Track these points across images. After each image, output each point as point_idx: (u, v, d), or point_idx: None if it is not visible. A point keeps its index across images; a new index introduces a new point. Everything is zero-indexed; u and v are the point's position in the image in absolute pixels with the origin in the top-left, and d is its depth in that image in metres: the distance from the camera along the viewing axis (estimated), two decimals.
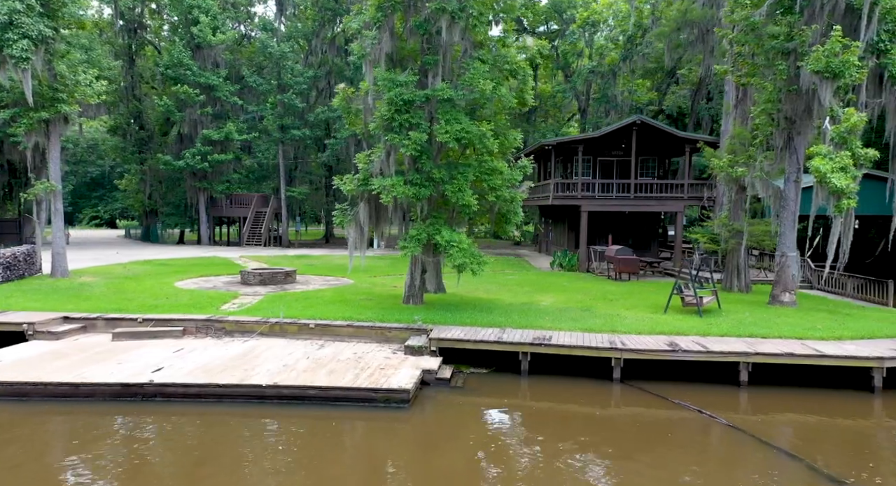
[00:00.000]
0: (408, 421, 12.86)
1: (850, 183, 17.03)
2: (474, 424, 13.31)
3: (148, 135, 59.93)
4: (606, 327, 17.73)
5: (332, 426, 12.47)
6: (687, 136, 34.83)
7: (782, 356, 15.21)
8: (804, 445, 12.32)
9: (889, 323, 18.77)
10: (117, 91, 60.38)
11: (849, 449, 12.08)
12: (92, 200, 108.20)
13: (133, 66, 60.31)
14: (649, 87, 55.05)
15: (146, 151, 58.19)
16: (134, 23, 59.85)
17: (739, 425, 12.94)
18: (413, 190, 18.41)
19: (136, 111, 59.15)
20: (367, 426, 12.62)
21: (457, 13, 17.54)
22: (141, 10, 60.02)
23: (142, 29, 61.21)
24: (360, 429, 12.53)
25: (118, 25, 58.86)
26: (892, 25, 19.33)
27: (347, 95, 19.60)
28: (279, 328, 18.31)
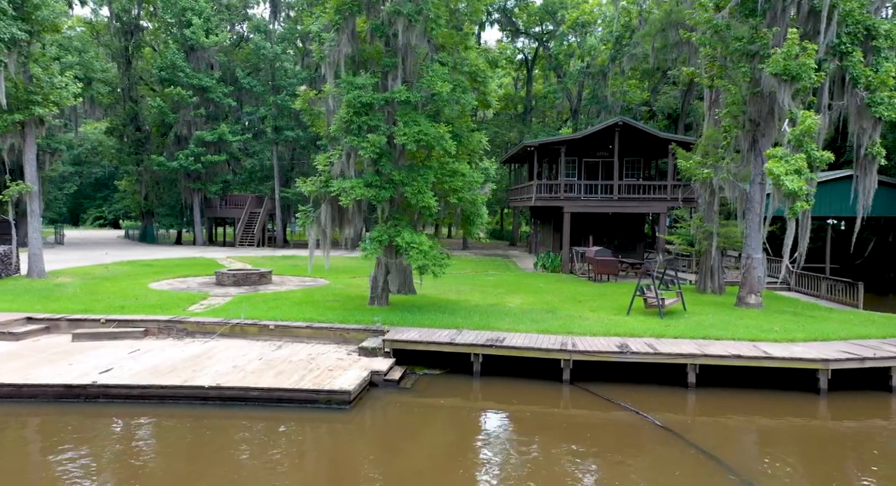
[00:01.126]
0: (347, 422, 12.96)
1: (804, 185, 17.05)
2: (414, 424, 13.43)
3: (144, 136, 60.31)
4: (563, 329, 17.80)
5: (269, 427, 12.61)
6: (669, 137, 34.86)
7: (729, 358, 15.27)
8: (729, 446, 12.40)
9: (848, 325, 18.80)
10: (114, 93, 60.91)
11: (774, 451, 12.13)
12: (96, 201, 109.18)
13: (130, 68, 60.68)
14: (643, 87, 55.03)
15: (143, 153, 58.54)
16: (130, 25, 60.15)
17: (672, 426, 13.01)
18: (373, 192, 18.55)
19: (132, 113, 59.48)
20: (304, 427, 12.75)
21: (413, 16, 17.66)
22: (137, 13, 60.33)
23: (138, 31, 61.48)
24: (297, 430, 12.65)
25: (114, 27, 59.21)
26: (853, 28, 19.35)
27: (309, 97, 19.73)
28: (240, 329, 18.47)
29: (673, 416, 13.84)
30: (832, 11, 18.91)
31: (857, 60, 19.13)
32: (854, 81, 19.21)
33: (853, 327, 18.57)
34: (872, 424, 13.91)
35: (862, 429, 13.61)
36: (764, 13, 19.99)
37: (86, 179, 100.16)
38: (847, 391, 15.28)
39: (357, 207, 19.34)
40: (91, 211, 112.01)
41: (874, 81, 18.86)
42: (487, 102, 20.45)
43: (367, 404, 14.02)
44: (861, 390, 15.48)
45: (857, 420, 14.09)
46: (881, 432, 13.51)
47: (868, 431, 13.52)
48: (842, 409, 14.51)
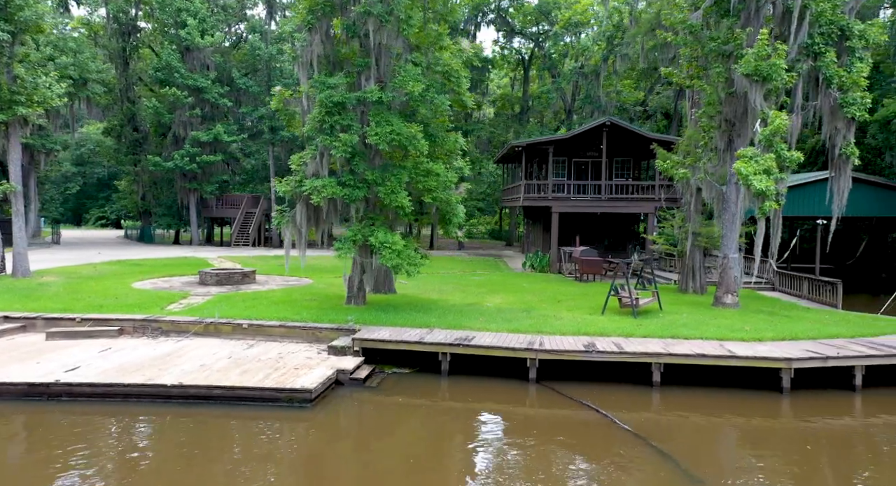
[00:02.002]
0: (308, 420, 13.07)
1: (773, 185, 17.11)
2: (374, 422, 13.53)
3: (142, 137, 60.57)
4: (533, 329, 17.90)
5: (229, 425, 12.74)
6: (657, 137, 34.90)
7: (693, 357, 15.35)
8: (685, 444, 12.46)
9: (821, 325, 18.84)
10: (112, 93, 61.18)
11: (730, 449, 12.21)
12: (99, 201, 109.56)
13: (127, 69, 60.97)
14: (638, 87, 55.05)
15: (140, 153, 58.81)
16: (128, 26, 60.41)
17: (631, 423, 13.08)
18: (346, 191, 18.68)
19: (130, 113, 59.74)
20: (264, 425, 12.83)
21: (384, 16, 17.76)
22: (135, 14, 60.60)
23: (136, 32, 61.73)
24: (257, 428, 12.74)
25: (111, 29, 59.47)
26: (826, 28, 19.40)
27: (284, 97, 19.86)
28: (214, 328, 18.61)
29: (634, 414, 13.90)
30: (804, 12, 18.96)
31: (829, 61, 19.19)
32: (827, 81, 19.27)
33: (826, 326, 18.61)
34: (834, 422, 13.99)
35: (822, 428, 13.68)
36: (738, 14, 20.05)
37: (88, 179, 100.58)
38: (811, 390, 15.34)
39: (332, 206, 19.47)
40: (93, 211, 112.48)
41: (847, 81, 18.92)
42: (463, 103, 20.54)
43: (331, 402, 14.14)
44: (825, 389, 15.52)
45: (818, 419, 14.15)
46: (842, 430, 13.58)
47: (829, 429, 13.60)
48: (804, 408, 14.57)
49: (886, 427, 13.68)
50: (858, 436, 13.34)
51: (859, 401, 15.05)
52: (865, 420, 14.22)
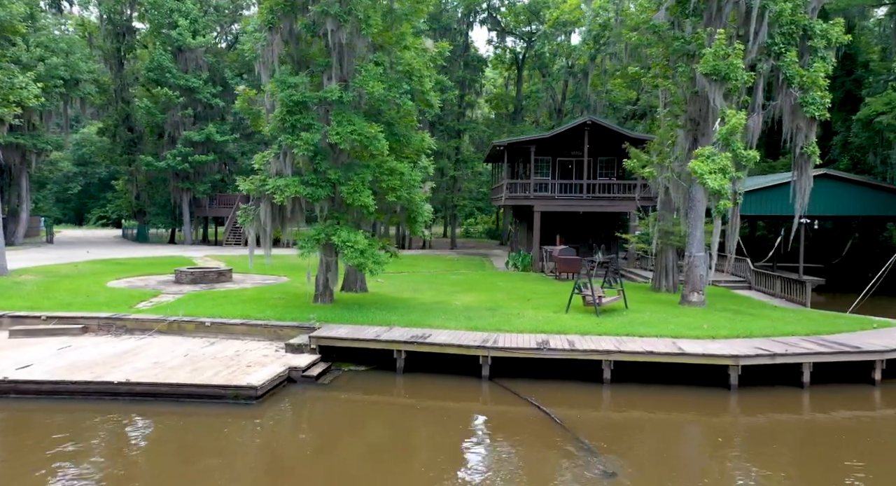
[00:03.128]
0: (252, 417, 13.19)
1: (727, 184, 17.20)
2: (319, 419, 13.68)
3: (137, 137, 60.92)
4: (493, 326, 18.03)
5: (172, 422, 12.89)
6: (639, 136, 35.00)
7: (643, 354, 15.47)
8: (617, 440, 12.54)
9: (781, 323, 18.93)
10: (106, 93, 61.53)
11: (659, 444, 12.32)
12: (100, 201, 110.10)
13: (122, 70, 61.35)
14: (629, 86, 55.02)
15: (135, 153, 59.14)
16: (122, 27, 60.74)
17: (571, 420, 13.20)
18: (309, 190, 18.82)
19: (124, 114, 60.09)
20: (207, 422, 12.98)
21: (342, 16, 17.91)
22: (130, 14, 60.94)
23: (131, 33, 62.03)
24: (198, 425, 12.89)
25: (105, 29, 59.81)
26: (787, 28, 19.47)
27: (249, 96, 20.03)
28: (177, 327, 18.79)
29: (577, 411, 14.03)
30: (763, 12, 19.03)
31: (790, 61, 19.25)
32: (788, 80, 19.34)
33: (786, 324, 18.70)
34: (779, 418, 14.06)
35: (765, 423, 13.76)
36: (701, 13, 20.12)
37: (90, 179, 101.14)
38: (759, 387, 15.43)
39: (298, 205, 19.63)
40: (95, 211, 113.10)
41: (807, 80, 18.97)
42: (428, 102, 20.66)
43: (280, 399, 14.27)
44: (774, 386, 15.60)
45: (763, 415, 14.23)
46: (785, 425, 13.67)
47: (771, 425, 13.67)
48: (750, 404, 14.66)
49: (831, 423, 13.77)
50: (800, 432, 13.43)
51: (807, 398, 15.14)
52: (812, 416, 14.31)
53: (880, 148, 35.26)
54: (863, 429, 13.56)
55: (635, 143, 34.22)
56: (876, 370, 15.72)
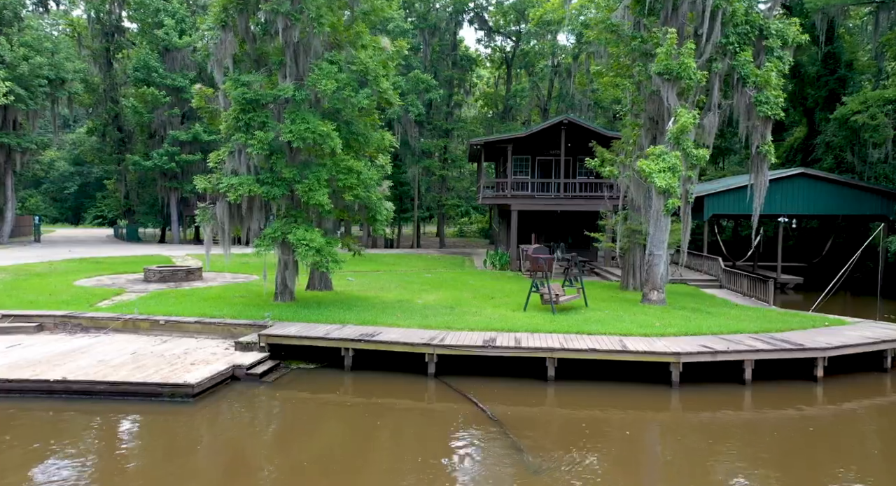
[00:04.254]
0: (188, 414, 13.24)
1: (676, 183, 17.24)
2: (255, 417, 13.69)
3: (126, 136, 61.06)
4: (445, 324, 18.07)
5: (105, 420, 12.94)
6: (615, 135, 34.95)
7: (586, 352, 15.51)
8: (547, 436, 12.57)
9: (735, 320, 18.97)
10: (95, 93, 61.73)
11: (590, 441, 12.36)
12: (97, 200, 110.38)
13: (111, 69, 61.53)
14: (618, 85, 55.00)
15: (125, 152, 59.29)
16: (111, 26, 60.90)
17: (508, 416, 13.25)
18: (265, 189, 18.89)
19: (113, 113, 60.25)
20: (140, 420, 13.02)
21: (293, 15, 17.96)
22: (118, 14, 61.08)
23: (120, 33, 62.17)
24: (131, 423, 12.92)
25: (94, 29, 59.96)
26: (743, 28, 19.49)
27: (206, 94, 20.09)
28: (132, 324, 18.86)
29: (516, 408, 14.10)
30: (716, 12, 19.06)
31: (744, 60, 19.28)
32: (743, 80, 19.37)
33: (739, 322, 18.74)
34: (717, 415, 14.07)
35: (704, 420, 13.81)
36: (658, 12, 20.16)
37: (86, 178, 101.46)
38: (702, 384, 15.48)
39: (256, 204, 19.70)
40: (91, 210, 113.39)
41: (760, 79, 19.01)
42: (388, 101, 20.70)
43: (220, 397, 14.30)
44: (717, 383, 15.65)
45: (703, 412, 14.28)
46: (722, 422, 13.68)
47: (709, 422, 13.72)
48: (691, 401, 14.71)
49: (768, 420, 13.80)
50: (736, 428, 13.43)
51: (748, 395, 15.15)
52: (751, 413, 14.32)
53: (857, 147, 35.22)
54: (799, 425, 13.58)
55: (609, 142, 34.35)
56: (818, 368, 15.76)
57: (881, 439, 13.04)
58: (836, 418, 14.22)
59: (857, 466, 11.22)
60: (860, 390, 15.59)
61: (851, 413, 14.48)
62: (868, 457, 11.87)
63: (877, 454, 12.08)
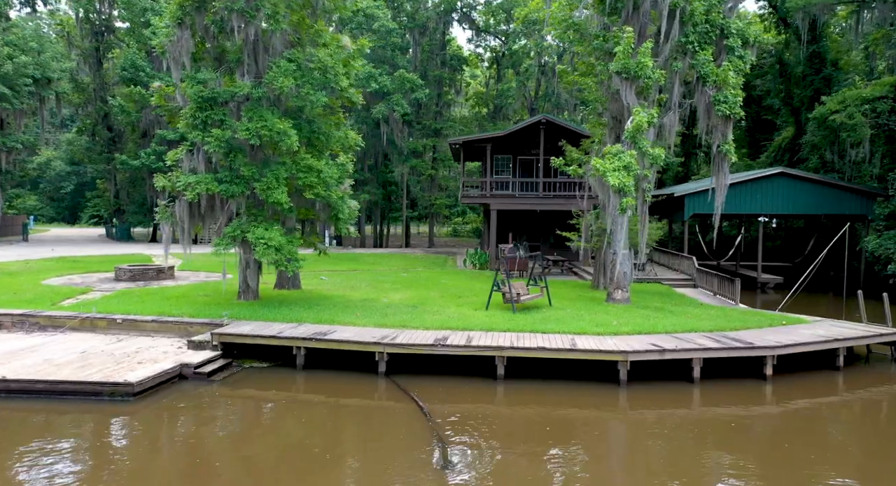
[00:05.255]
0: (125, 414, 13.14)
1: (630, 182, 17.20)
2: (195, 416, 13.61)
3: (116, 135, 61.06)
4: (401, 323, 18.03)
5: (41, 420, 12.92)
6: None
7: (535, 350, 15.47)
8: (474, 434, 12.50)
9: (694, 319, 18.93)
10: (85, 92, 61.77)
11: (516, 440, 12.32)
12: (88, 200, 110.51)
13: (101, 69, 61.53)
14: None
15: (114, 152, 59.28)
16: (101, 26, 60.90)
17: (444, 415, 13.23)
18: (223, 187, 18.86)
19: (102, 112, 60.27)
20: (75, 419, 12.99)
21: (248, 12, 17.93)
22: (108, 14, 61.09)
23: (110, 32, 62.18)
24: (65, 422, 12.88)
25: (83, 29, 59.97)
26: (703, 27, 19.45)
27: (166, 93, 20.07)
28: (89, 323, 18.84)
29: (459, 406, 14.12)
30: (674, 11, 19.02)
31: (704, 59, 19.23)
32: (703, 79, 19.32)
33: (698, 321, 18.71)
34: (662, 413, 14.01)
35: (647, 418, 13.77)
36: (619, 12, 20.11)
37: (83, 178, 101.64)
38: (650, 382, 15.45)
39: (216, 202, 19.68)
40: (88, 209, 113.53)
41: (718, 78, 18.97)
42: (349, 99, 20.68)
43: (162, 396, 14.23)
44: (665, 382, 15.61)
45: (648, 410, 14.22)
46: (666, 419, 13.63)
47: (653, 419, 13.67)
48: (638, 399, 14.65)
49: (712, 417, 13.77)
50: (677, 426, 13.38)
51: (697, 393, 15.12)
52: (699, 411, 14.30)
53: (836, 147, 35.15)
54: (744, 423, 13.55)
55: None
56: (767, 366, 15.71)
57: (822, 435, 12.96)
58: (782, 416, 14.17)
59: (794, 462, 11.15)
60: (808, 389, 15.53)
61: (796, 411, 14.42)
62: (805, 454, 11.79)
63: (815, 451, 12.00)
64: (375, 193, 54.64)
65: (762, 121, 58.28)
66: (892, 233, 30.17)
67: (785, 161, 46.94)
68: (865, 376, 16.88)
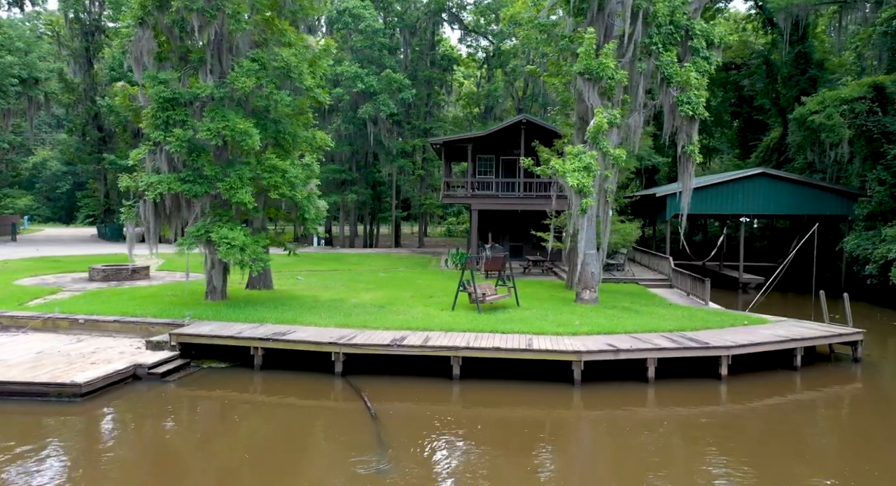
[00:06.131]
0: (70, 414, 13.05)
1: (590, 182, 17.18)
2: (141, 417, 13.52)
3: (106, 135, 61.08)
4: (361, 323, 17.98)
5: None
6: None
7: (490, 351, 15.45)
8: (417, 434, 12.50)
9: (659, 320, 18.90)
10: (75, 92, 61.78)
11: (460, 439, 12.30)
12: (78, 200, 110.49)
13: (91, 69, 61.53)
14: None
15: (105, 151, 59.29)
16: (91, 26, 60.91)
17: (393, 415, 13.23)
18: (186, 187, 18.85)
19: (93, 112, 60.29)
20: (16, 420, 12.96)
21: (208, 12, 17.91)
22: (98, 14, 61.11)
23: (100, 32, 62.17)
24: (4, 423, 12.84)
25: (73, 29, 59.99)
26: (667, 29, 19.42)
27: (129, 93, 20.06)
28: (52, 323, 18.82)
29: (411, 406, 14.19)
30: (637, 12, 19.00)
31: (668, 60, 19.20)
32: (667, 80, 19.30)
33: (662, 321, 18.68)
34: (614, 413, 14.00)
35: (598, 417, 13.79)
36: (585, 12, 20.09)
37: (79, 178, 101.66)
38: (605, 382, 15.42)
39: (178, 202, 19.66)
40: (84, 209, 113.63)
41: (682, 79, 18.95)
42: (315, 98, 20.67)
43: (112, 397, 14.13)
44: (621, 381, 15.59)
45: (601, 410, 14.25)
46: (616, 419, 13.62)
47: (599, 419, 13.69)
48: (591, 399, 14.64)
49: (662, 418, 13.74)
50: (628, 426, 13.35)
51: (651, 392, 15.10)
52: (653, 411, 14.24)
53: (816, 147, 35.12)
54: (696, 422, 13.54)
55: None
56: (722, 366, 15.69)
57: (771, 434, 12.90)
58: (733, 415, 14.14)
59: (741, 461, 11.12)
60: (762, 388, 15.50)
61: (749, 410, 14.40)
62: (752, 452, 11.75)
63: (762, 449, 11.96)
64: (364, 193, 54.59)
65: (754, 121, 58.26)
66: (870, 234, 30.09)
67: (773, 161, 46.92)
68: (822, 376, 16.84)
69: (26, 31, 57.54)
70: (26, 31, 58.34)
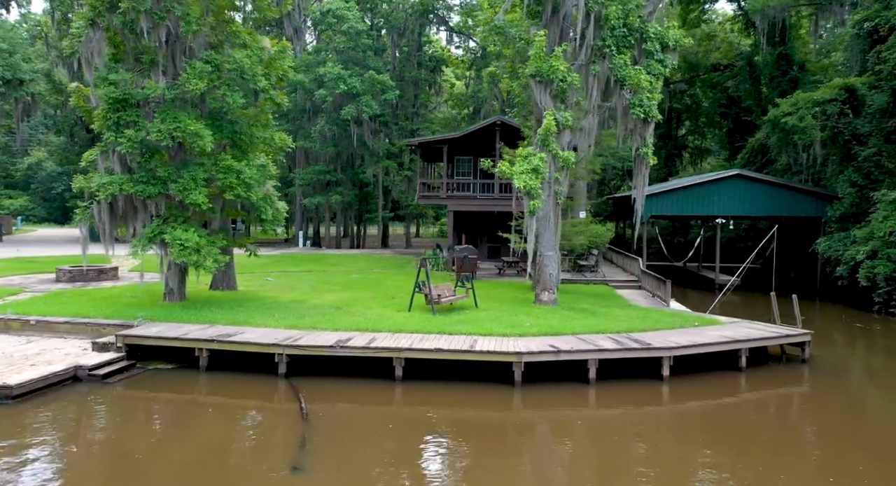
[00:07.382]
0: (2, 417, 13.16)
1: (537, 184, 17.19)
2: (74, 420, 13.50)
3: (95, 136, 60.96)
4: (311, 324, 17.98)
5: None
6: None
7: (432, 352, 15.45)
8: (343, 437, 12.51)
9: (614, 321, 18.88)
10: (63, 93, 61.78)
11: (387, 440, 12.31)
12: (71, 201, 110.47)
13: (79, 70, 61.46)
14: None
15: None
16: None
17: (326, 417, 13.25)
18: (139, 188, 18.85)
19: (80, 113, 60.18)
20: None
21: (157, 14, 17.92)
22: None
23: None
24: None
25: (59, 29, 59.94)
26: (620, 31, 19.43)
27: (84, 94, 20.08)
28: (3, 325, 18.85)
29: (349, 406, 14.22)
30: (588, 15, 19.01)
31: (621, 63, 19.20)
32: (620, 83, 19.30)
33: (615, 322, 18.66)
34: (550, 414, 14.02)
35: (532, 418, 13.80)
36: (539, 15, 20.10)
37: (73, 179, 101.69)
38: (546, 383, 15.42)
39: (132, 203, 19.67)
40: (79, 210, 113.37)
41: (634, 82, 18.96)
42: (271, 100, 20.70)
43: (48, 399, 14.00)
44: (562, 382, 15.60)
45: (538, 410, 14.26)
46: (555, 420, 13.64)
47: (534, 420, 13.70)
48: (530, 400, 14.63)
49: (602, 418, 13.75)
50: (565, 427, 13.39)
51: (592, 393, 15.09)
52: (592, 412, 14.26)
53: (789, 148, 35.12)
54: (634, 421, 13.54)
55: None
56: (664, 367, 15.69)
57: (703, 433, 12.89)
58: (669, 415, 14.18)
59: (670, 459, 11.12)
60: (703, 390, 15.51)
61: (685, 411, 14.44)
62: (684, 452, 11.74)
63: (698, 448, 11.95)
64: (349, 194, 54.52)
65: (742, 122, 58.18)
66: (842, 235, 30.07)
67: (758, 162, 46.87)
68: (766, 377, 16.84)
69: (23, 33, 57.57)
70: (22, 32, 58.37)
